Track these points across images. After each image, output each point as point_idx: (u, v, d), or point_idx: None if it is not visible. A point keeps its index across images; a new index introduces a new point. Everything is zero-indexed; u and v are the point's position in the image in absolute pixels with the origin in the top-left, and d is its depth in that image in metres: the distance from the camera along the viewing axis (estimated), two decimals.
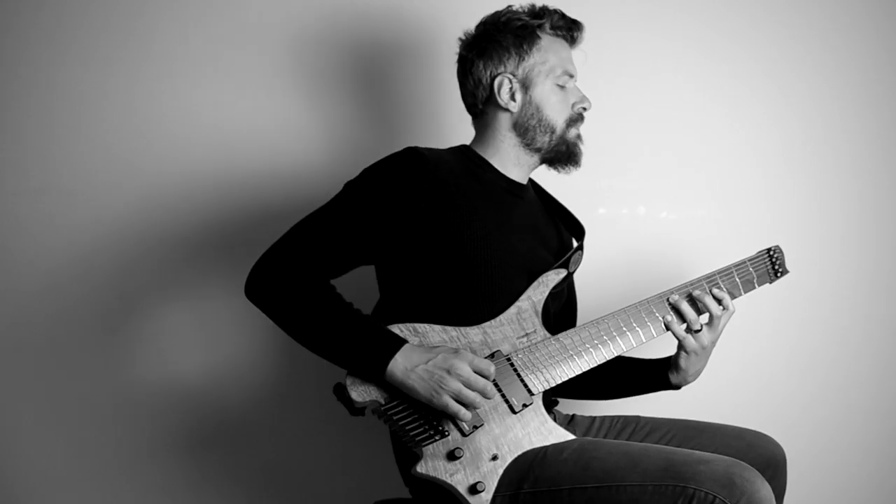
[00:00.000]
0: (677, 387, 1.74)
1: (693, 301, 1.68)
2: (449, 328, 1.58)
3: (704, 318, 1.68)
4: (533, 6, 1.73)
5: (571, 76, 1.72)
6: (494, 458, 1.52)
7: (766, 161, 2.22)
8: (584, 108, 1.73)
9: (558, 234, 1.80)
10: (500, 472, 1.52)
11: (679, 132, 2.20)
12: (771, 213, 2.22)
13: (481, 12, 1.74)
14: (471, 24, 1.74)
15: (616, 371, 1.79)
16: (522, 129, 1.70)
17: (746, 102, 2.21)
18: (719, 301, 1.68)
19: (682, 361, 1.69)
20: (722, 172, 2.22)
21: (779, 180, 2.22)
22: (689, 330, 1.67)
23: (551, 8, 1.72)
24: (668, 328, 1.68)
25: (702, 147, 2.21)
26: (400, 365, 1.49)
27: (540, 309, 1.65)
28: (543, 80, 1.69)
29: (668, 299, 1.68)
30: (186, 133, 2.11)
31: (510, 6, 1.73)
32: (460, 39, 1.75)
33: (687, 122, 2.21)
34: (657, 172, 2.20)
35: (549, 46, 1.70)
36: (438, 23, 2.14)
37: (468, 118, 1.78)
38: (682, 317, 1.68)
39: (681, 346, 1.68)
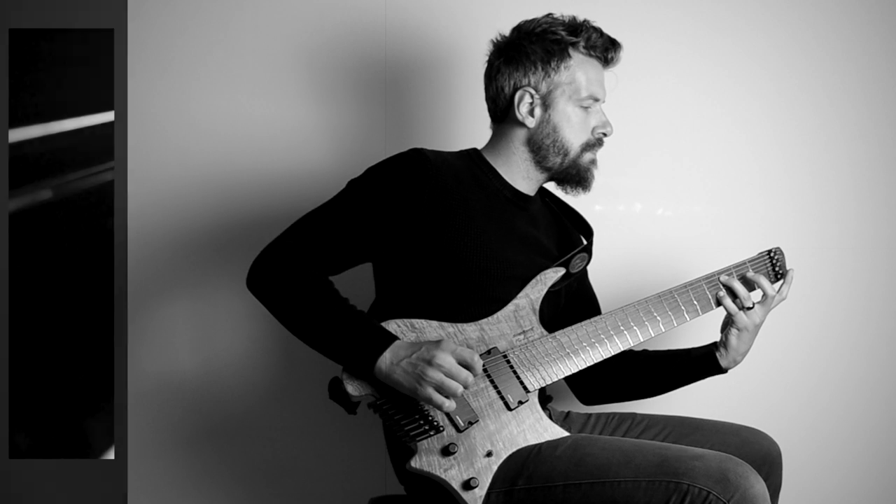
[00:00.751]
0: (726, 369, 1.74)
1: (745, 280, 1.71)
2: (446, 324, 1.57)
3: (756, 296, 1.72)
4: (574, 19, 1.67)
5: (597, 100, 1.67)
6: (489, 454, 1.52)
7: (764, 160, 2.22)
8: (605, 134, 1.69)
9: (563, 247, 1.77)
10: (495, 468, 1.52)
11: (678, 131, 2.20)
12: (769, 212, 2.21)
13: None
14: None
15: (658, 367, 1.79)
16: (536, 147, 1.67)
17: (746, 102, 2.21)
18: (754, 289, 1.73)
19: (734, 339, 1.70)
20: (720, 171, 2.21)
21: (777, 179, 2.22)
22: (740, 307, 1.70)
23: (591, 24, 1.66)
24: (720, 304, 1.70)
25: (701, 146, 2.21)
26: (387, 360, 1.48)
27: (537, 307, 1.64)
28: (566, 101, 1.65)
29: (719, 278, 1.70)
30: (192, 135, 2.12)
31: (550, 14, 1.68)
32: (492, 41, 1.70)
33: (686, 122, 2.20)
34: (655, 171, 2.20)
35: (579, 66, 1.65)
36: (451, 28, 2.14)
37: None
38: (733, 294, 1.70)
39: (733, 324, 1.70)
